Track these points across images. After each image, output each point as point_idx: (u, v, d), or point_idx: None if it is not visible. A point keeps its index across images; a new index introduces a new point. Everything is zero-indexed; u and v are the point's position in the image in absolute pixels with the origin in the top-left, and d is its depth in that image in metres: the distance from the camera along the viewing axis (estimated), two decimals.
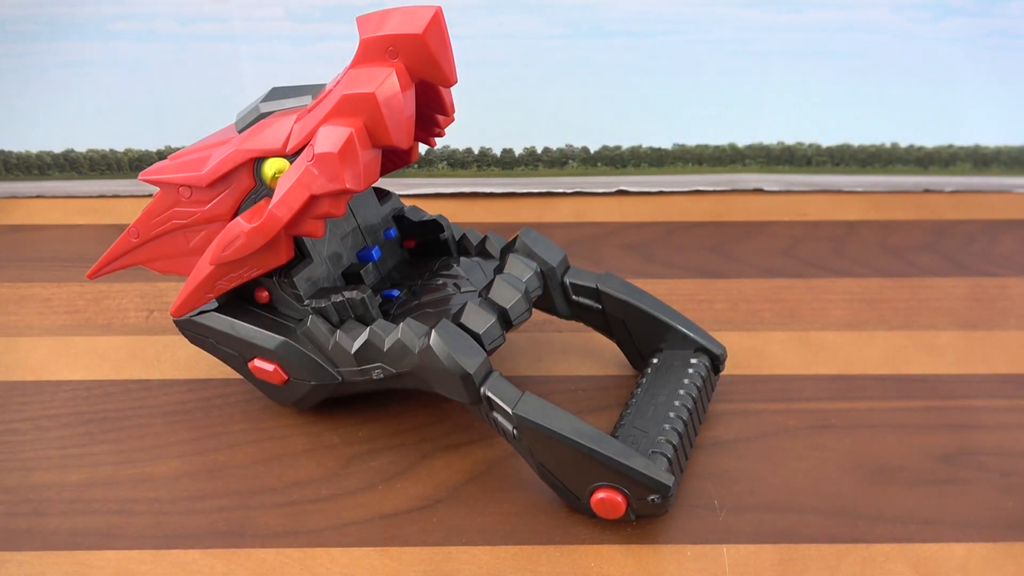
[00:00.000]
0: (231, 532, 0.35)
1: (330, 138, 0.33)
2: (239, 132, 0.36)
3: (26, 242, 0.54)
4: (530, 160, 0.58)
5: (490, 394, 0.34)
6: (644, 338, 0.41)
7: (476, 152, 0.58)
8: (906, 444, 0.39)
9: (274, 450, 0.39)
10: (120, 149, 0.58)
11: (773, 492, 0.37)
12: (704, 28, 0.55)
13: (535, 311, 0.44)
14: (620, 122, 0.58)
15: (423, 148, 0.58)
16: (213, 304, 0.39)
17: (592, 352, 0.44)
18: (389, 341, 0.36)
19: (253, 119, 0.36)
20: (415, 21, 0.32)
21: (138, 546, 0.35)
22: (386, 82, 0.32)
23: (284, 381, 0.39)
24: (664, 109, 0.57)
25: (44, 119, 0.57)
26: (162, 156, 0.58)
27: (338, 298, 0.37)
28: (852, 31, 0.55)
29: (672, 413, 0.37)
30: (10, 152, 0.58)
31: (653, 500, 0.34)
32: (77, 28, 0.54)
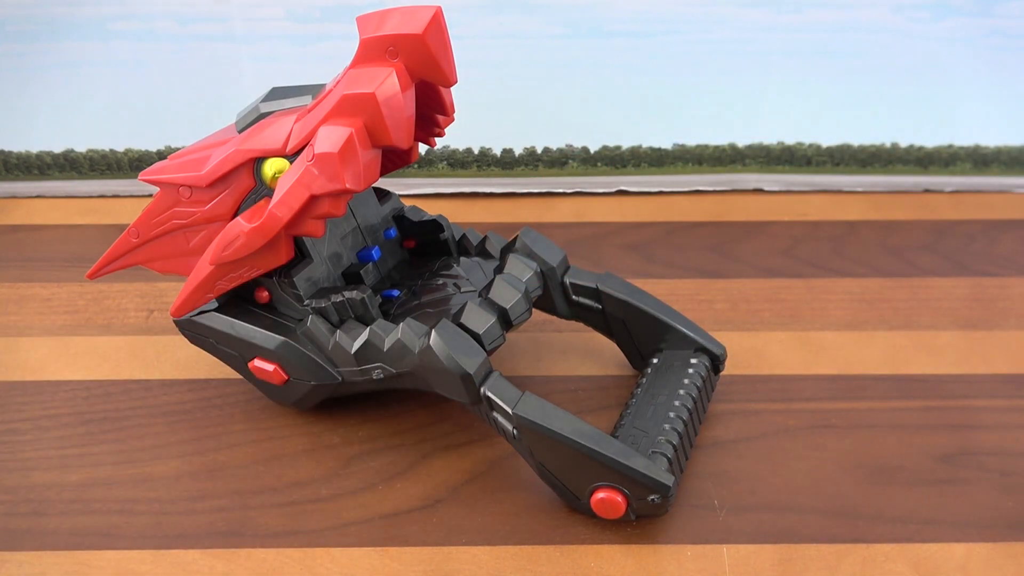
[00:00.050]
0: (231, 532, 0.35)
1: (330, 138, 0.33)
2: (239, 132, 0.36)
3: (26, 242, 0.54)
4: (530, 160, 0.58)
5: (490, 394, 0.34)
6: (644, 338, 0.41)
7: (476, 152, 0.58)
8: (906, 444, 0.39)
9: (274, 450, 0.39)
10: (120, 149, 0.58)
11: (773, 492, 0.37)
12: (704, 28, 0.55)
13: (535, 311, 0.44)
14: (620, 122, 0.58)
15: (423, 148, 0.58)
16: (213, 304, 0.39)
17: (592, 352, 0.44)
18: (389, 341, 0.36)
19: (253, 119, 0.36)
20: (415, 21, 0.32)
21: (138, 546, 0.35)
22: (386, 82, 0.32)
23: (284, 381, 0.39)
24: (664, 109, 0.57)
25: (44, 119, 0.57)
26: (162, 156, 0.58)
27: (338, 298, 0.37)
28: (852, 31, 0.55)
29: (672, 413, 0.37)
30: (10, 152, 0.58)
31: (653, 500, 0.34)
32: (77, 28, 0.54)
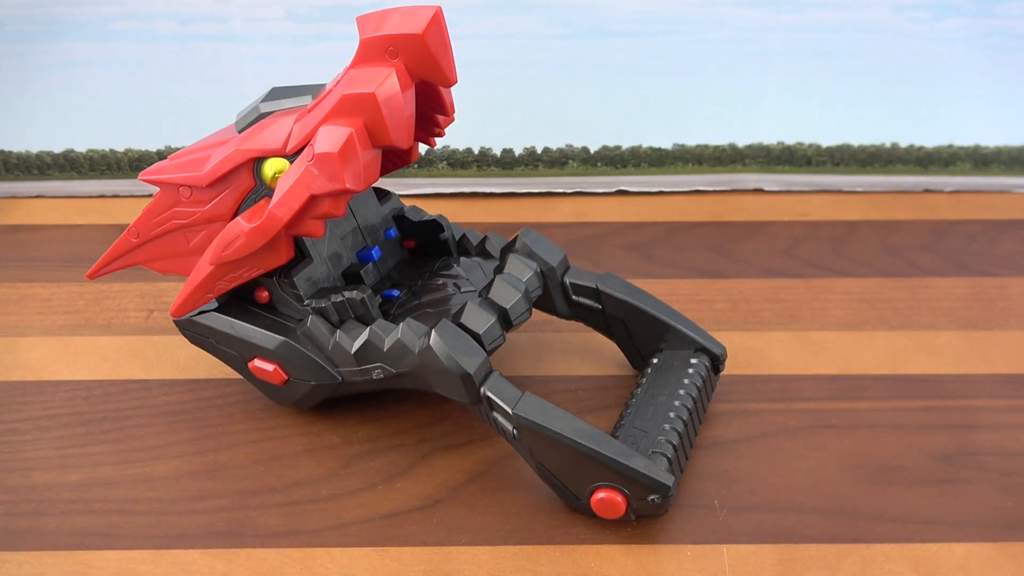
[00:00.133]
0: (231, 532, 0.35)
1: (330, 138, 0.33)
2: (239, 132, 0.36)
3: (26, 242, 0.54)
4: (530, 160, 0.58)
5: (490, 394, 0.34)
6: (644, 338, 0.41)
7: (476, 152, 0.58)
8: (906, 444, 0.39)
9: (274, 450, 0.39)
10: (120, 149, 0.58)
11: (773, 492, 0.37)
12: (704, 28, 0.55)
13: (535, 311, 0.44)
14: (620, 122, 0.58)
15: (423, 148, 0.58)
16: (213, 304, 0.39)
17: (592, 352, 0.44)
18: (389, 341, 0.36)
19: (253, 119, 0.36)
20: (415, 21, 0.32)
21: (138, 546, 0.35)
22: (386, 82, 0.32)
23: (284, 381, 0.39)
24: (664, 109, 0.57)
25: (44, 119, 0.57)
26: (162, 156, 0.58)
27: (338, 298, 0.37)
28: (852, 31, 0.55)
29: (672, 413, 0.37)
30: (10, 152, 0.58)
31: (653, 500, 0.34)
32: (77, 28, 0.54)
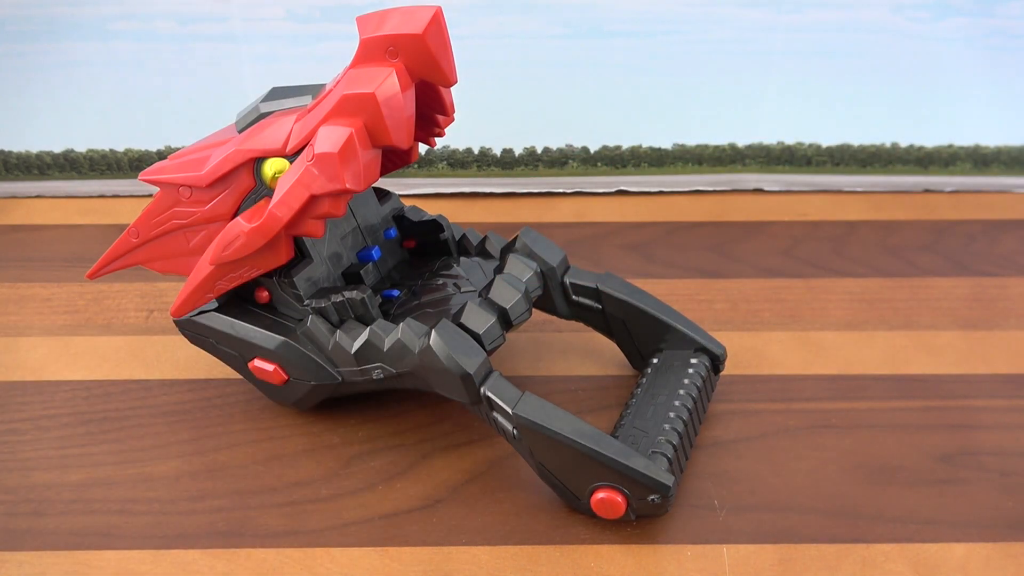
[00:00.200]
0: (231, 532, 0.35)
1: (330, 138, 0.33)
2: (239, 132, 0.36)
3: (26, 242, 0.54)
4: (530, 160, 0.58)
5: (490, 394, 0.34)
6: (644, 338, 0.41)
7: (476, 152, 0.58)
8: (906, 444, 0.39)
9: (274, 450, 0.39)
10: (120, 149, 0.58)
11: (773, 492, 0.37)
12: (704, 28, 0.55)
13: (535, 311, 0.44)
14: (620, 122, 0.58)
15: (423, 148, 0.58)
16: (213, 304, 0.39)
17: (592, 352, 0.44)
18: (389, 341, 0.36)
19: (253, 119, 0.36)
20: (415, 21, 0.32)
21: (138, 546, 0.35)
22: (386, 82, 0.32)
23: (284, 381, 0.39)
24: (664, 109, 0.57)
25: (44, 119, 0.57)
26: (162, 156, 0.58)
27: (338, 298, 0.37)
28: (852, 31, 0.55)
29: (672, 413, 0.37)
30: (10, 152, 0.58)
31: (653, 500, 0.34)
32: (77, 28, 0.54)
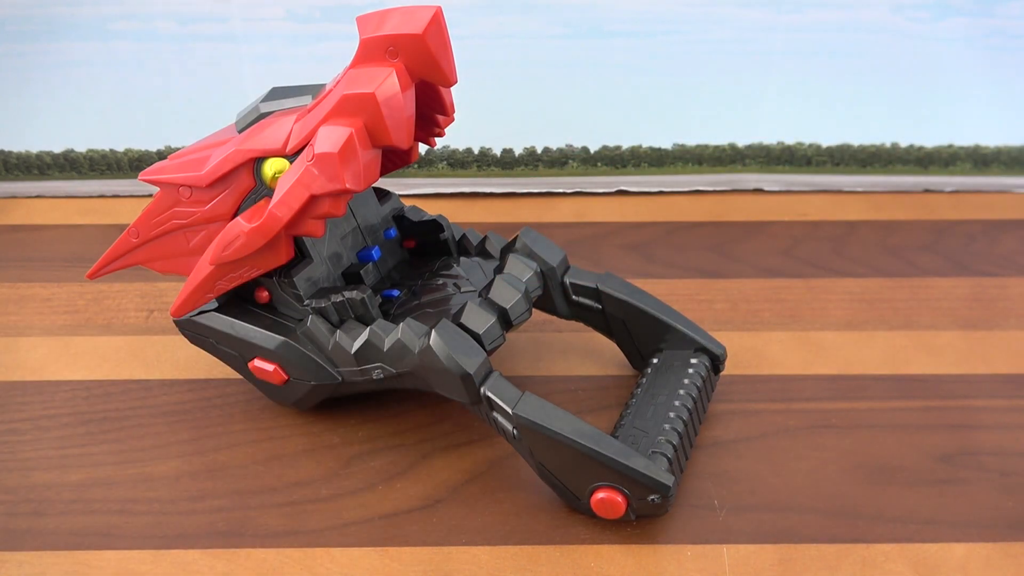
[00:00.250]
0: (231, 532, 0.35)
1: (330, 138, 0.33)
2: (239, 132, 0.36)
3: (26, 242, 0.54)
4: (530, 160, 0.58)
5: (490, 394, 0.34)
6: (644, 338, 0.41)
7: (476, 152, 0.58)
8: (906, 444, 0.39)
9: (274, 450, 0.39)
10: (120, 149, 0.58)
11: (773, 492, 0.37)
12: (704, 28, 0.55)
13: (535, 311, 0.44)
14: (620, 122, 0.58)
15: (423, 148, 0.58)
16: (213, 304, 0.39)
17: (592, 352, 0.44)
18: (389, 341, 0.36)
19: (253, 119, 0.36)
20: (415, 21, 0.32)
21: (138, 546, 0.35)
22: (386, 82, 0.32)
23: (284, 381, 0.39)
24: (664, 109, 0.57)
25: (44, 119, 0.57)
26: (162, 156, 0.58)
27: (338, 298, 0.37)
28: (852, 31, 0.55)
29: (672, 413, 0.37)
30: (10, 152, 0.58)
31: (653, 500, 0.34)
32: (77, 28, 0.54)
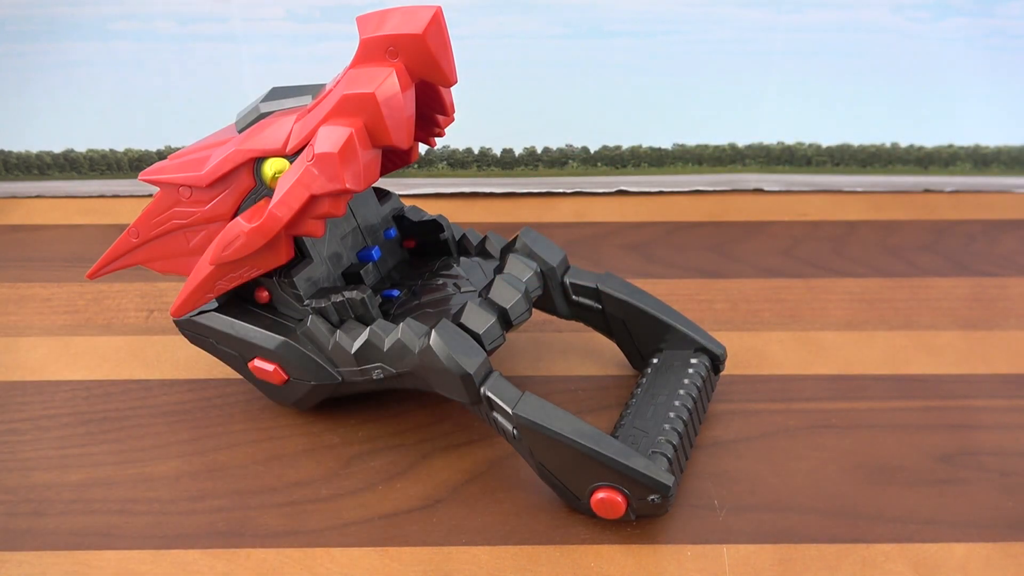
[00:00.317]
0: (231, 532, 0.35)
1: (330, 138, 0.33)
2: (239, 132, 0.36)
3: (26, 242, 0.54)
4: (530, 160, 0.58)
5: (490, 394, 0.34)
6: (644, 338, 0.41)
7: (476, 152, 0.58)
8: (906, 444, 0.39)
9: (274, 450, 0.39)
10: (120, 149, 0.58)
11: (773, 492, 0.37)
12: (704, 28, 0.55)
13: (535, 311, 0.44)
14: (620, 122, 0.58)
15: (423, 148, 0.58)
16: (213, 304, 0.39)
17: (592, 352, 0.44)
18: (389, 341, 0.36)
19: (253, 119, 0.36)
20: (415, 21, 0.32)
21: (138, 546, 0.35)
22: (386, 82, 0.32)
23: (284, 381, 0.39)
24: (664, 109, 0.57)
25: (44, 119, 0.57)
26: (162, 156, 0.58)
27: (338, 298, 0.37)
28: (852, 31, 0.55)
29: (672, 413, 0.37)
30: (10, 152, 0.58)
31: (653, 500, 0.34)
32: (77, 28, 0.54)
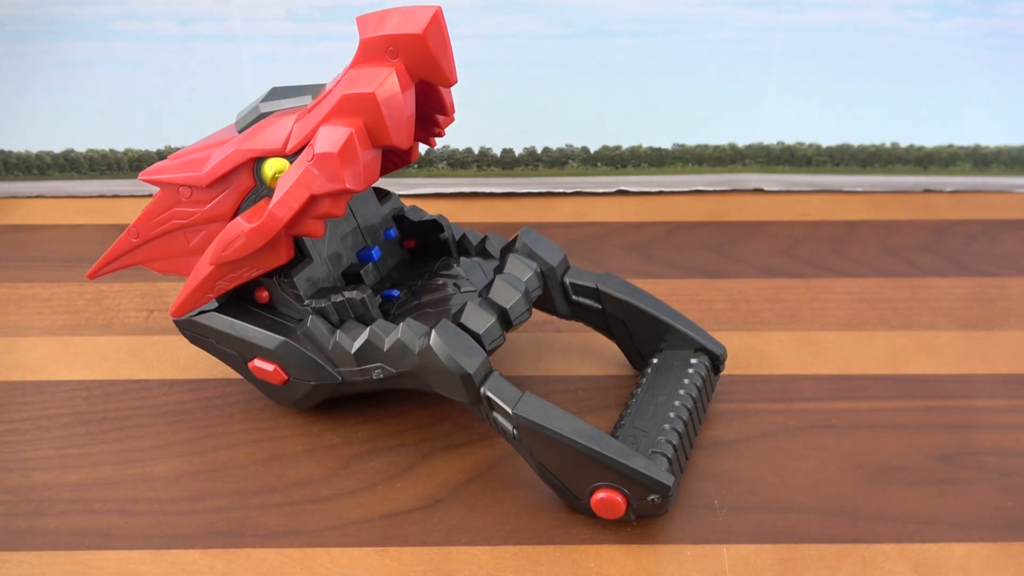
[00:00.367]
0: (231, 532, 0.35)
1: (330, 138, 0.33)
2: (239, 132, 0.36)
3: (26, 242, 0.54)
4: (530, 160, 0.58)
5: (490, 394, 0.34)
6: (644, 338, 0.41)
7: (476, 152, 0.58)
8: (906, 444, 0.39)
9: (274, 450, 0.39)
10: (120, 149, 0.58)
11: (773, 492, 0.37)
12: (704, 28, 0.55)
13: (535, 311, 0.44)
14: (620, 122, 0.58)
15: (423, 148, 0.58)
16: (213, 304, 0.39)
17: (592, 352, 0.44)
18: (389, 341, 0.36)
19: (253, 119, 0.36)
20: (415, 21, 0.32)
21: (138, 546, 0.35)
22: (386, 82, 0.32)
23: (284, 381, 0.39)
24: (664, 109, 0.57)
25: (44, 119, 0.57)
26: (162, 156, 0.58)
27: (338, 298, 0.37)
28: (852, 31, 0.55)
29: (672, 413, 0.37)
30: (10, 152, 0.58)
31: (653, 500, 0.34)
32: (77, 28, 0.54)
